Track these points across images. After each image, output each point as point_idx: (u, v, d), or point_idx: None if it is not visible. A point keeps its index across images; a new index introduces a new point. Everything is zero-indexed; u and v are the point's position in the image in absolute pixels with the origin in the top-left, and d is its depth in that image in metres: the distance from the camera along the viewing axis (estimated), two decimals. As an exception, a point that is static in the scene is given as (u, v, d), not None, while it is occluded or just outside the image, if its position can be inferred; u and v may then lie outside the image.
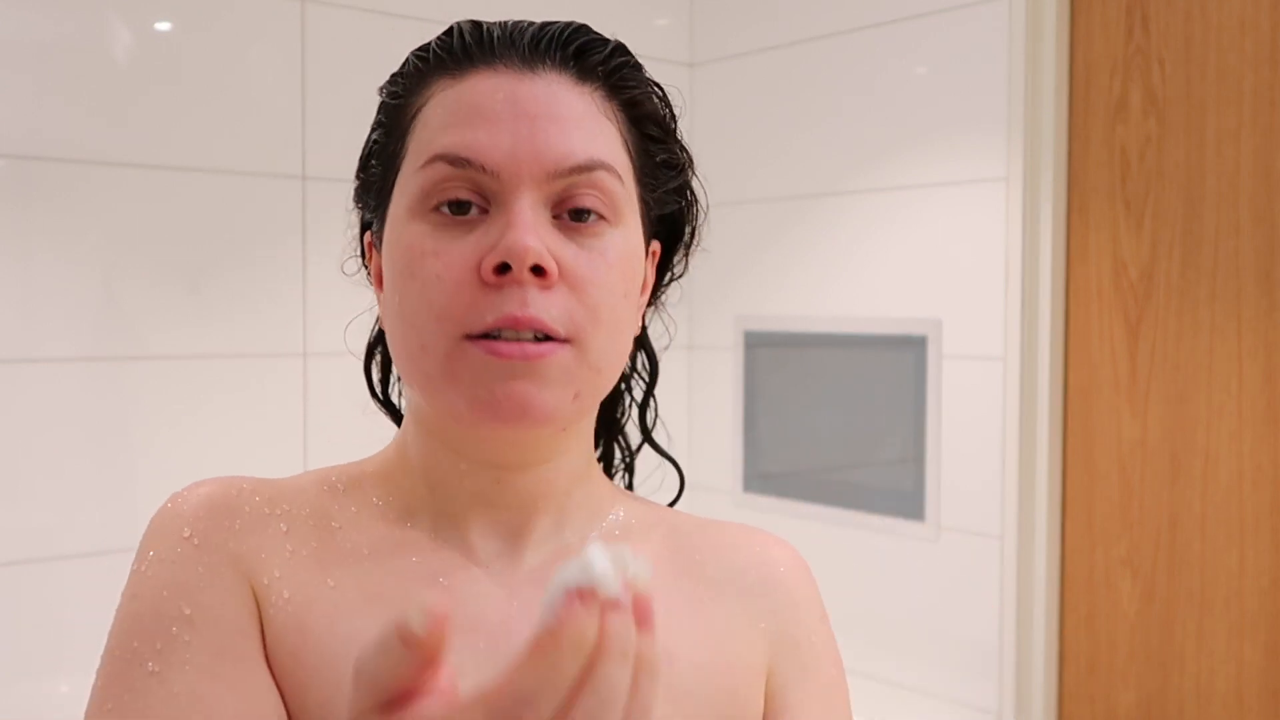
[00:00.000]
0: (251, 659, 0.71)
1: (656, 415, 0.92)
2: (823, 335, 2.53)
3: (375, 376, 0.90)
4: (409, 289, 0.72)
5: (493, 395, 0.70)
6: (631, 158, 0.77)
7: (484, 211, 0.72)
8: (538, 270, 0.69)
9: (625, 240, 0.75)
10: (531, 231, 0.69)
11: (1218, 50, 2.01)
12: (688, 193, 0.84)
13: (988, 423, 2.24)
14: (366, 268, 0.84)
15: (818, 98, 2.53)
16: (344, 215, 2.18)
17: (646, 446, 0.93)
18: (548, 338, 0.70)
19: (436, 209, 0.72)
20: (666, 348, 0.92)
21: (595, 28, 0.79)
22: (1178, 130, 2.06)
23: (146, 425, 2.07)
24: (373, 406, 0.92)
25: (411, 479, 0.79)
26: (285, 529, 0.76)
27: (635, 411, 0.92)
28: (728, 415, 2.72)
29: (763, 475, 2.67)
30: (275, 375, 2.20)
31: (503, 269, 0.69)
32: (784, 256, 2.60)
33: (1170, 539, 2.08)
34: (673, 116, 0.82)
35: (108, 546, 2.04)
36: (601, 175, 0.73)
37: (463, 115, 0.73)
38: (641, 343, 0.90)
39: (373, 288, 0.83)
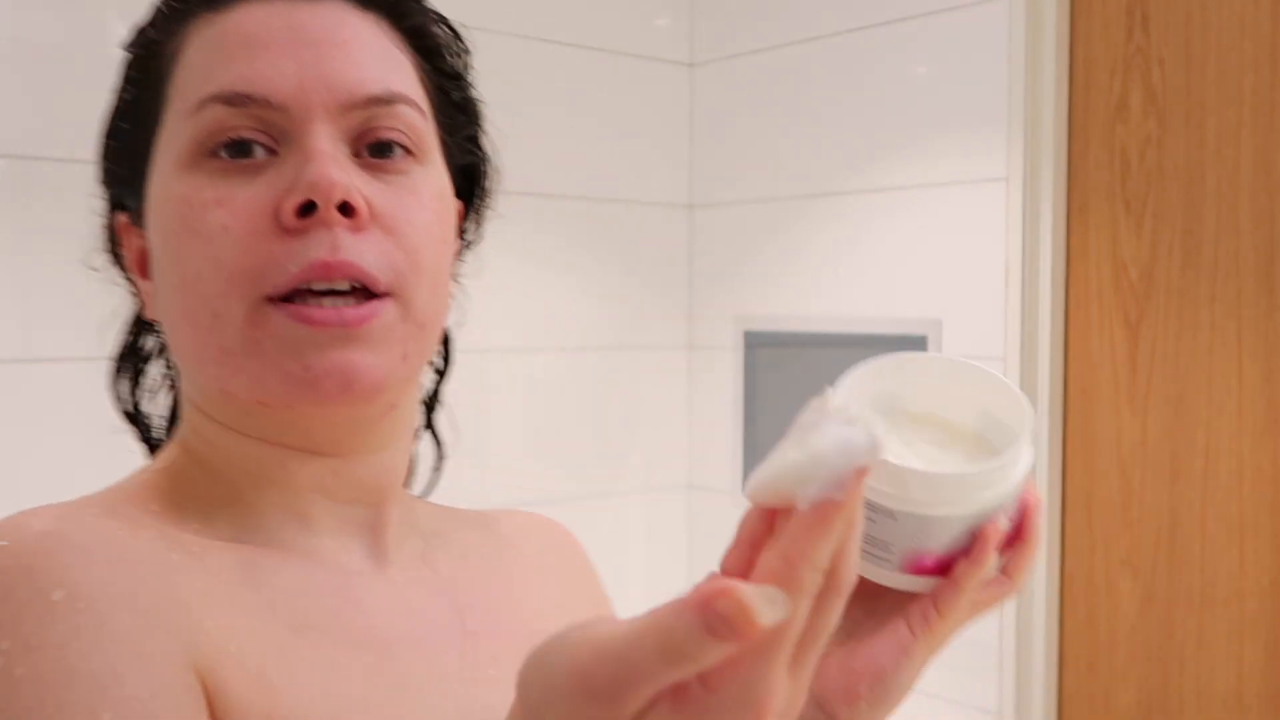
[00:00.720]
0: None
1: (437, 402, 0.82)
2: (823, 335, 2.53)
3: (125, 390, 0.77)
4: (189, 249, 0.61)
5: (308, 369, 0.59)
6: (428, 93, 0.68)
7: (272, 153, 0.62)
8: (346, 210, 0.60)
9: (433, 178, 0.66)
10: (335, 164, 0.60)
11: (1218, 50, 2.01)
12: (481, 146, 0.75)
13: (988, 423, 2.24)
14: (118, 256, 0.73)
15: (818, 97, 2.53)
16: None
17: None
18: (365, 291, 0.61)
19: (214, 155, 0.62)
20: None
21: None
22: (1178, 130, 2.06)
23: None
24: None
25: (225, 487, 0.66)
26: (178, 559, 0.59)
27: (434, 401, 0.82)
28: (728, 415, 2.72)
29: (763, 475, 2.67)
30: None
31: (307, 209, 0.59)
32: (784, 256, 2.60)
33: (1170, 539, 2.08)
34: (466, 53, 0.73)
35: (108, 546, 2.04)
36: (404, 109, 0.64)
37: (234, 49, 0.63)
38: None
39: (129, 281, 0.72)
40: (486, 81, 2.38)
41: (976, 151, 2.25)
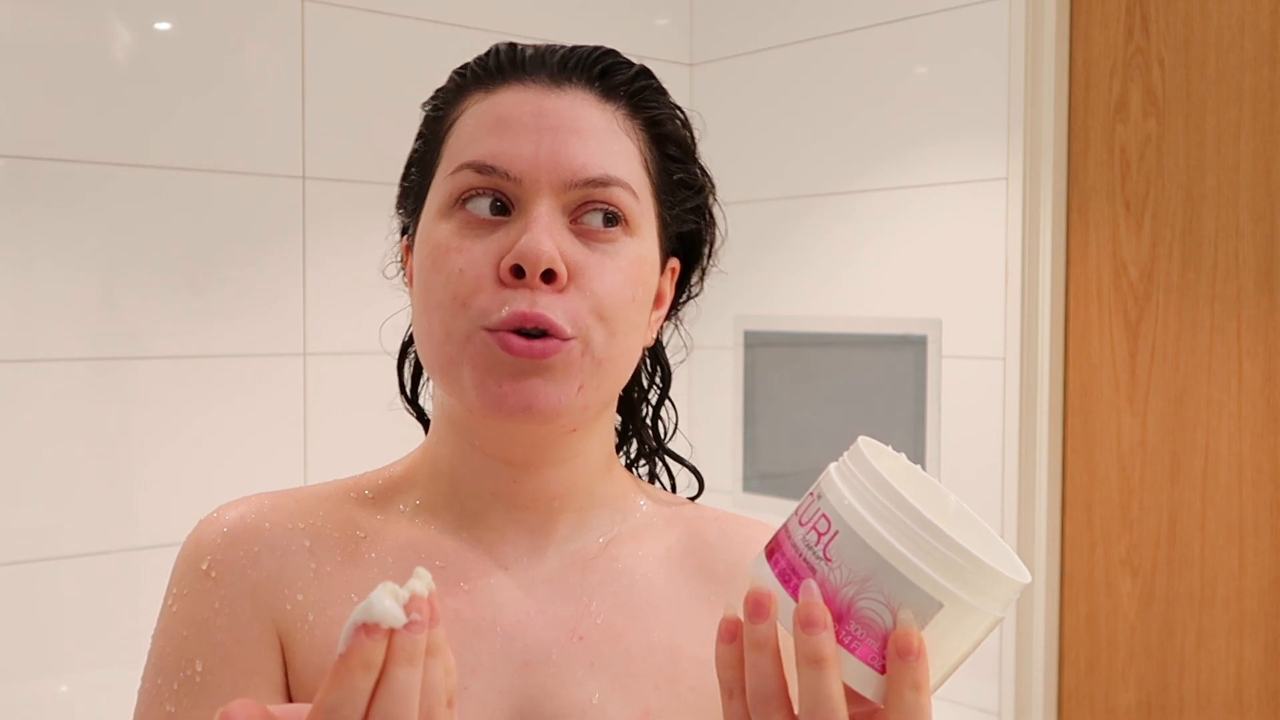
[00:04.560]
0: (262, 700, 0.74)
1: (676, 425, 0.98)
2: (823, 335, 2.53)
3: (407, 374, 0.93)
4: (434, 281, 0.77)
5: (500, 388, 0.74)
6: (650, 175, 0.82)
7: (506, 214, 0.77)
8: (548, 276, 0.74)
9: (637, 249, 0.79)
10: (546, 235, 0.74)
11: (1218, 50, 2.01)
12: (705, 214, 0.89)
13: (988, 423, 2.24)
14: (404, 270, 0.88)
15: (818, 98, 2.53)
16: (343, 215, 2.20)
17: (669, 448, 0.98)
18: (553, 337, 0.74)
19: (462, 209, 0.77)
20: (683, 361, 0.98)
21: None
22: (1178, 130, 2.06)
23: (146, 425, 2.07)
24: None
25: (437, 479, 0.83)
26: (309, 544, 0.80)
27: (656, 421, 0.97)
28: (728, 415, 2.72)
29: (762, 475, 2.67)
30: (275, 375, 2.20)
31: (518, 271, 0.74)
32: (784, 256, 2.60)
33: (1170, 539, 2.08)
34: (692, 139, 0.88)
35: (107, 546, 2.04)
36: (616, 190, 0.78)
37: (491, 126, 0.78)
38: (655, 354, 0.96)
39: (407, 289, 0.87)
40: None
41: (976, 151, 2.25)
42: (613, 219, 0.78)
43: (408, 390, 0.93)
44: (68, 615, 2.00)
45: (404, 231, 0.87)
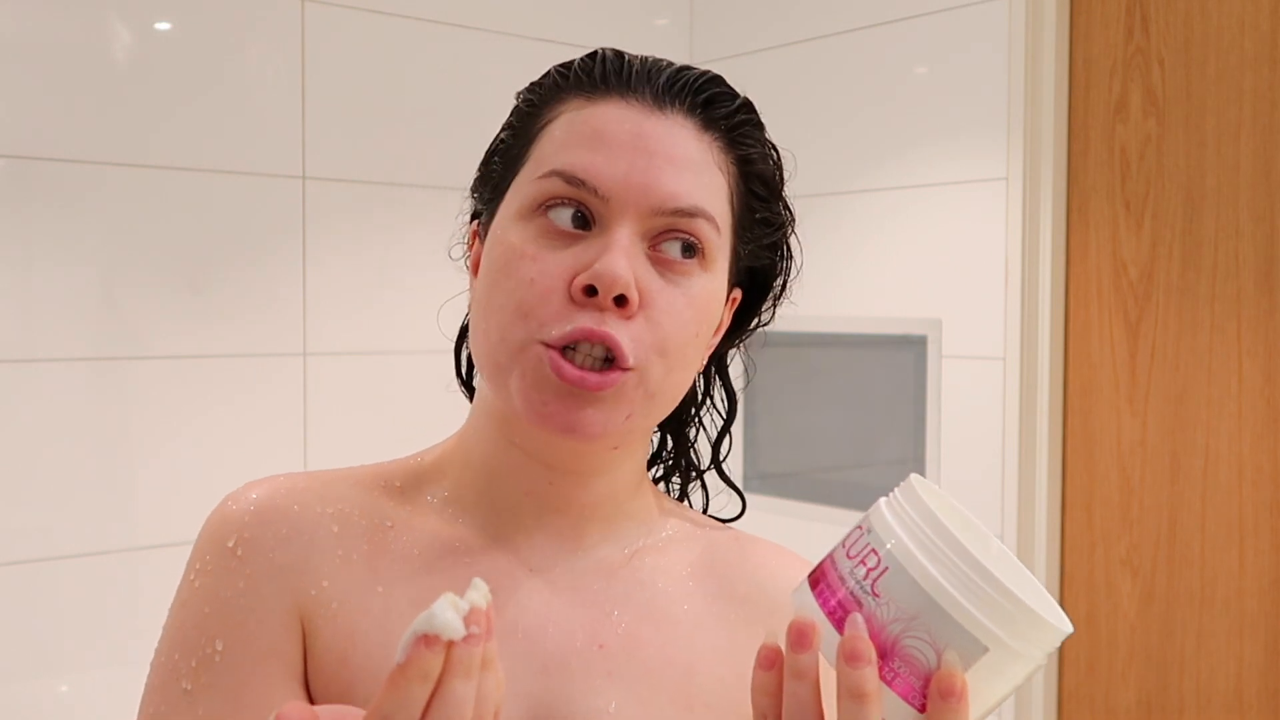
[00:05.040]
0: (278, 685, 0.75)
1: (730, 447, 0.99)
2: (823, 335, 2.53)
3: (464, 358, 0.93)
4: (502, 284, 0.76)
5: (546, 407, 0.74)
6: (733, 210, 0.82)
7: (586, 228, 0.76)
8: (620, 300, 0.73)
9: (709, 285, 0.79)
10: (624, 259, 0.73)
11: (1218, 50, 2.01)
12: (783, 248, 0.90)
13: (988, 423, 2.24)
14: (468, 254, 0.88)
15: (817, 98, 2.53)
16: (343, 215, 2.21)
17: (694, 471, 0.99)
18: (612, 360, 0.74)
19: (543, 215, 0.76)
20: (745, 387, 0.98)
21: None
22: (1178, 130, 2.06)
23: (146, 425, 2.07)
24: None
25: (470, 471, 0.82)
26: (337, 530, 0.79)
27: (719, 444, 0.98)
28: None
29: (763, 475, 2.67)
30: (275, 375, 2.20)
31: (590, 291, 0.73)
32: (784, 256, 2.60)
33: (1170, 539, 2.08)
34: (782, 179, 0.88)
35: (107, 546, 2.04)
36: (701, 223, 0.77)
37: (587, 137, 0.77)
38: (721, 377, 0.98)
39: (468, 273, 0.87)
40: (485, 82, 2.40)
41: (976, 151, 2.25)
42: (691, 250, 0.77)
43: (463, 373, 0.93)
44: (68, 615, 2.00)
45: (474, 216, 0.87)
